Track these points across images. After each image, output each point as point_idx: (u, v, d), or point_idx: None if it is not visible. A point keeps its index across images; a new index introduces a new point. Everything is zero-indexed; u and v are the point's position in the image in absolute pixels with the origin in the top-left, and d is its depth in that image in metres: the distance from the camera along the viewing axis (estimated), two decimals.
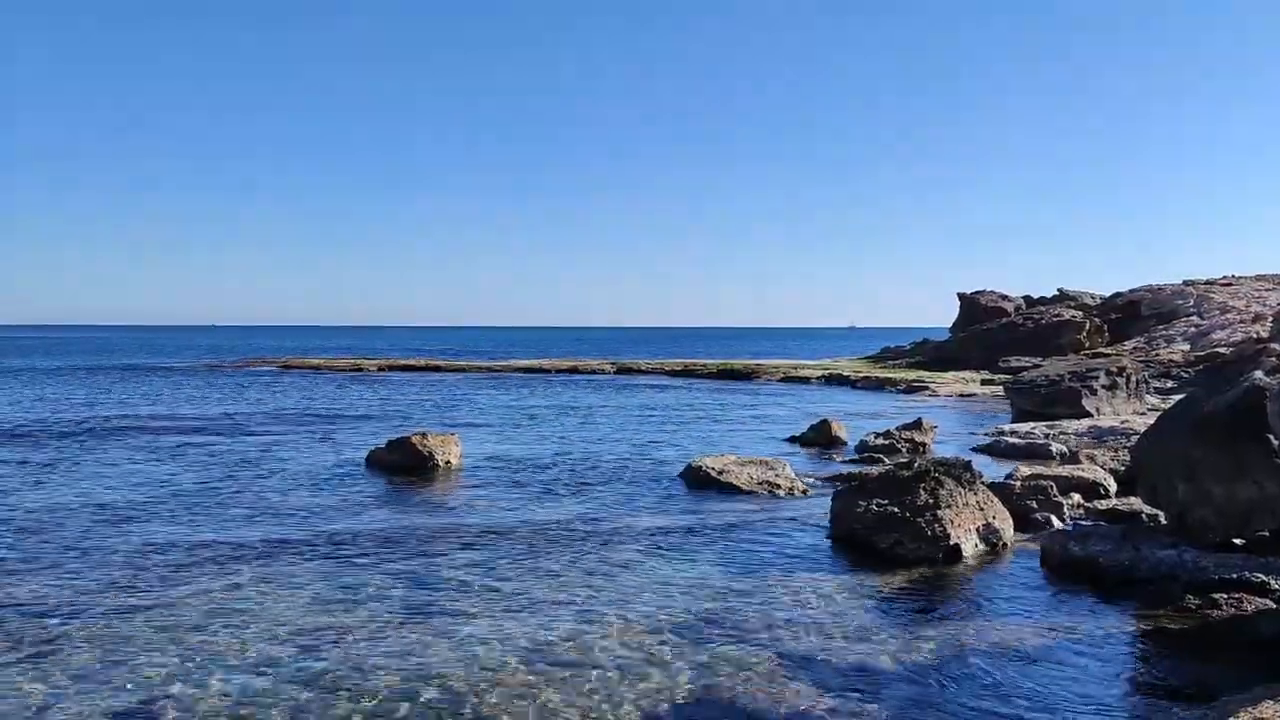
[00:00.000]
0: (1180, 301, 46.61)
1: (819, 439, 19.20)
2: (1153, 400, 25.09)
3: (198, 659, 6.76)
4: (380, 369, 48.44)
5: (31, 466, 16.16)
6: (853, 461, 16.65)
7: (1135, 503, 11.03)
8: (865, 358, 53.23)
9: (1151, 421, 10.78)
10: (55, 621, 7.63)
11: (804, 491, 13.60)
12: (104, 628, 7.46)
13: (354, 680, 6.39)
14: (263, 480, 14.83)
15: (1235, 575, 8.44)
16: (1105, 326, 44.86)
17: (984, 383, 35.78)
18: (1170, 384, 30.38)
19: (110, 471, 15.65)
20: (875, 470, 13.43)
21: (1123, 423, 20.16)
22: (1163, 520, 9.91)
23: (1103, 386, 23.36)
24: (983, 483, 11.08)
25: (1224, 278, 51.52)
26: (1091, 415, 21.96)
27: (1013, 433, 19.67)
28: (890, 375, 39.52)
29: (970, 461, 11.45)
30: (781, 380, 40.49)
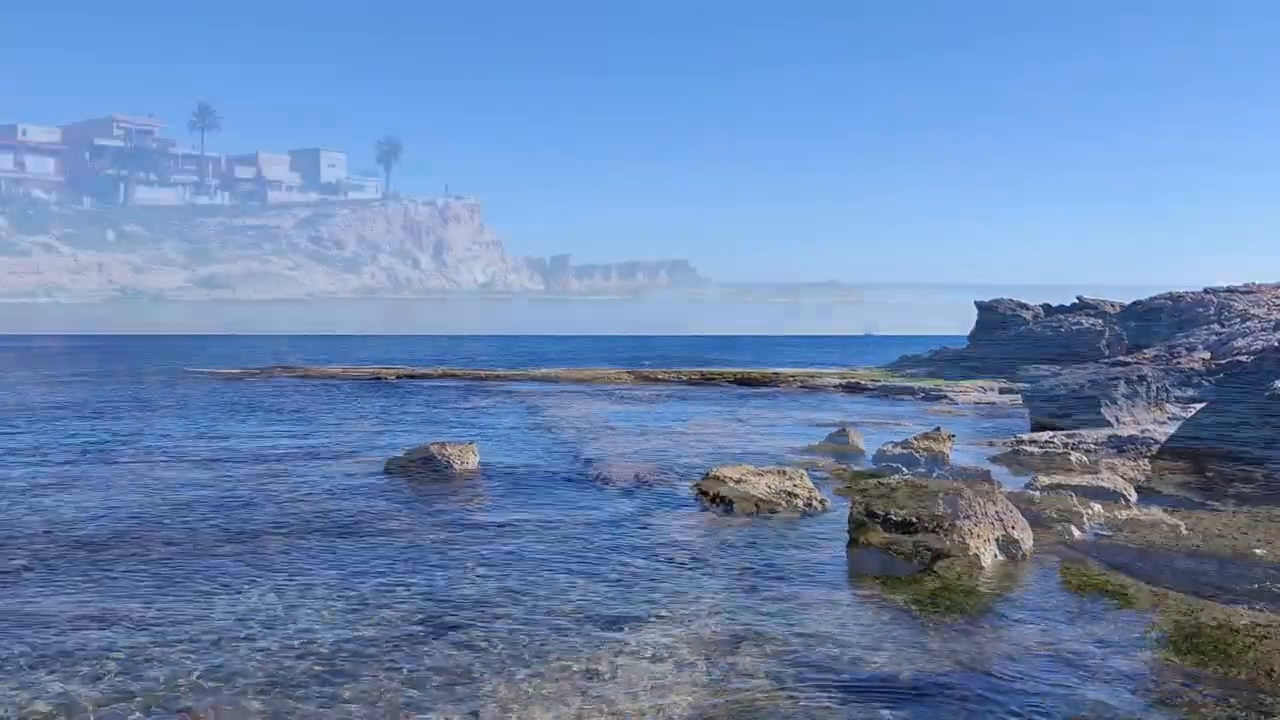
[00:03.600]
0: (1200, 309, 46.26)
1: (837, 448, 19.19)
2: (1173, 409, 24.90)
3: (217, 671, 6.83)
4: (398, 377, 48.74)
5: (52, 475, 16.33)
6: (871, 471, 16.61)
7: (1156, 512, 10.98)
8: (883, 366, 53.10)
9: (1172, 431, 10.74)
10: (72, 632, 7.73)
11: (821, 501, 13.59)
12: (121, 638, 7.55)
13: (372, 691, 6.44)
14: (281, 489, 14.95)
15: (1256, 586, 8.41)
16: (1124, 334, 44.61)
17: (1002, 391, 35.63)
18: (1191, 392, 30.16)
19: (131, 480, 15.80)
20: (893, 479, 13.42)
21: (1143, 431, 20.03)
22: (1183, 530, 9.87)
23: (1122, 395, 23.20)
24: (1001, 492, 11.07)
25: (1245, 285, 51.09)
26: (1111, 424, 21.80)
27: (1031, 441, 19.58)
28: (908, 383, 39.41)
29: (989, 471, 11.44)
30: (800, 388, 40.45)
